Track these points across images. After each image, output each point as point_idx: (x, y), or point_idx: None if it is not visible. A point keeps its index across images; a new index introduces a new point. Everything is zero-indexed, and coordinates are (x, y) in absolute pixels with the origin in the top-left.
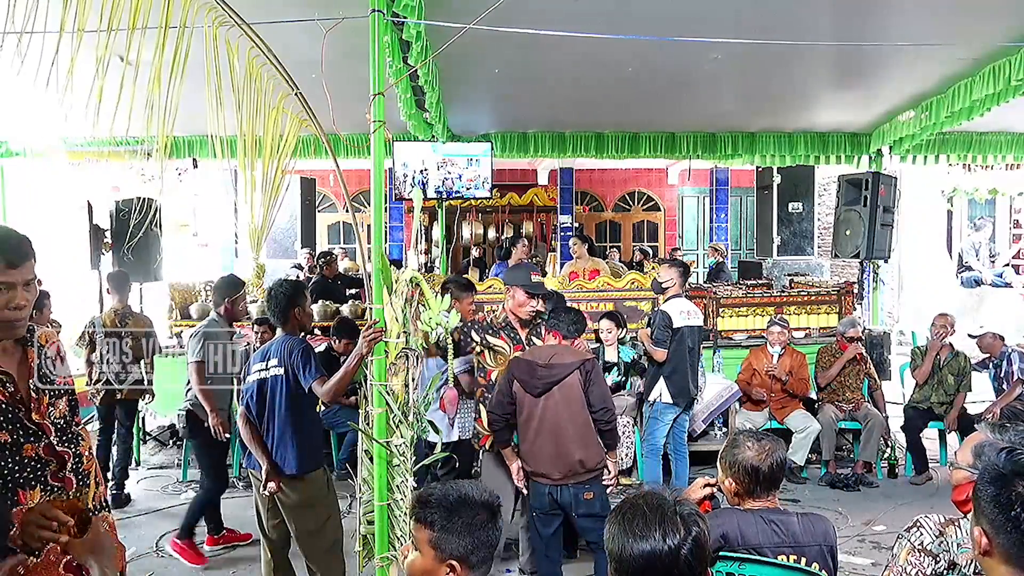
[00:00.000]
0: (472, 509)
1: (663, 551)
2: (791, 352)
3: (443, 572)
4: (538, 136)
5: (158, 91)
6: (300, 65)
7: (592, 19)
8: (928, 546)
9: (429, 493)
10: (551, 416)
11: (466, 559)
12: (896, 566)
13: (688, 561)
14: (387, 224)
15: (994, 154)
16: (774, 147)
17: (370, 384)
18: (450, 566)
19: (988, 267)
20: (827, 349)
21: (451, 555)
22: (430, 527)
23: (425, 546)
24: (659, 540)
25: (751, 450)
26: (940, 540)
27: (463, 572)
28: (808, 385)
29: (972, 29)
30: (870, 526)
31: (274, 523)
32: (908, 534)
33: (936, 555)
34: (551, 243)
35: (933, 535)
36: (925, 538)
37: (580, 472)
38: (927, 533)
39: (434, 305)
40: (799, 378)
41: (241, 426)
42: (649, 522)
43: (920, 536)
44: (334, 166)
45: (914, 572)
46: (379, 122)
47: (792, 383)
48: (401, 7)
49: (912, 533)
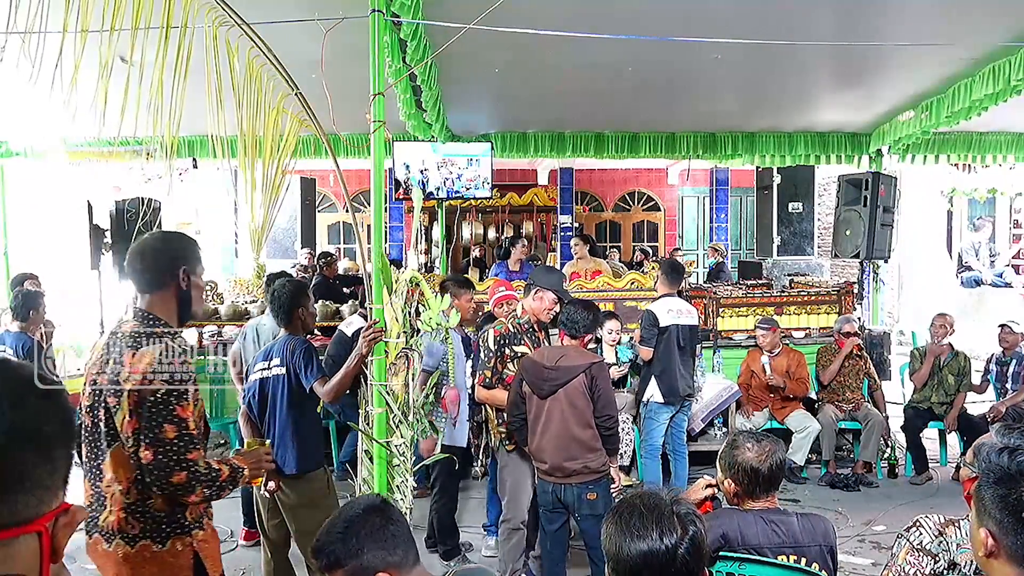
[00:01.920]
0: (361, 521)
1: (660, 551)
2: (787, 352)
3: None
4: (538, 136)
5: (160, 92)
6: (300, 65)
7: (592, 19)
8: (928, 546)
9: (317, 541)
10: (556, 418)
11: (390, 564)
12: (895, 566)
13: (685, 560)
14: (387, 224)
15: (994, 154)
16: (774, 147)
17: (370, 384)
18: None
19: (988, 267)
20: (827, 349)
21: (375, 570)
22: (337, 567)
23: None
24: (656, 540)
25: (751, 451)
26: (940, 540)
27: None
28: (808, 385)
29: (972, 29)
30: (870, 526)
31: (274, 523)
32: (908, 534)
33: (936, 555)
34: (551, 243)
35: (933, 535)
36: (924, 538)
37: (584, 472)
38: (927, 533)
39: (434, 305)
40: (797, 378)
41: (242, 425)
42: (646, 522)
43: (920, 536)
44: (334, 166)
45: (913, 572)
46: (379, 122)
47: (791, 386)
48: (401, 7)
49: (911, 533)
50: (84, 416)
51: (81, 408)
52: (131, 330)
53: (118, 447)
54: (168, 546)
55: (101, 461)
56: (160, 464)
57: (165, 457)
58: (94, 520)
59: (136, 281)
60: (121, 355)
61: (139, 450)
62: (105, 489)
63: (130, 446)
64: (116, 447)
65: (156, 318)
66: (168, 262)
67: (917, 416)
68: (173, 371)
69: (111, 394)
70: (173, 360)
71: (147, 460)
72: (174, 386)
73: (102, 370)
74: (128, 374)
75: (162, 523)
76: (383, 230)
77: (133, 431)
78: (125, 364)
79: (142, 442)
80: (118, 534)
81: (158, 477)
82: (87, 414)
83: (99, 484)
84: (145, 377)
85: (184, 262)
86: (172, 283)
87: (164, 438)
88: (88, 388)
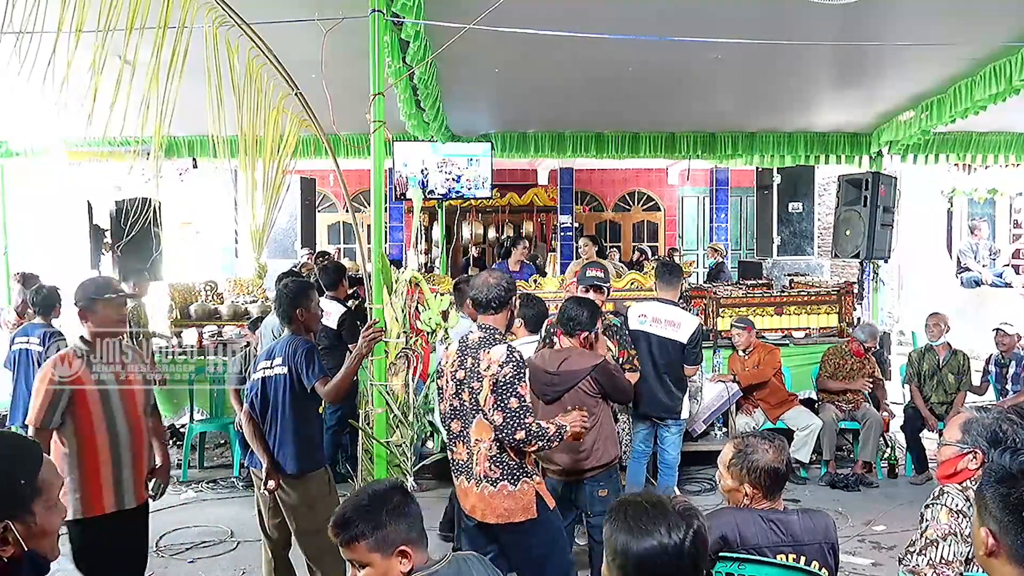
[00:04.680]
0: (385, 497)
1: (669, 546)
2: (760, 349)
3: (396, 565)
4: (538, 136)
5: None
6: (300, 65)
7: (592, 19)
8: (962, 507)
9: (342, 512)
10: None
11: (410, 540)
12: (940, 526)
13: (691, 554)
14: (387, 224)
15: (994, 154)
16: (774, 147)
17: (370, 384)
18: (401, 552)
19: (989, 267)
20: (836, 350)
21: (395, 545)
22: (363, 538)
23: (368, 555)
24: (664, 535)
25: (768, 453)
26: (968, 504)
27: (415, 552)
28: (767, 374)
29: (972, 29)
30: (870, 526)
31: (275, 523)
32: (941, 498)
33: (969, 516)
34: (551, 243)
35: (962, 499)
36: (958, 501)
37: (595, 468)
38: (957, 497)
39: (434, 305)
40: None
41: (244, 423)
42: (652, 518)
43: (954, 500)
44: (334, 166)
45: (956, 530)
46: (379, 122)
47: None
48: (401, 7)
49: (945, 497)
50: (453, 399)
51: (442, 390)
52: (479, 337)
53: (480, 417)
54: (519, 486)
55: (470, 427)
56: (507, 425)
57: (512, 420)
58: (468, 469)
59: (483, 307)
60: (478, 353)
61: (493, 415)
62: (473, 446)
63: (489, 415)
64: (479, 417)
65: (496, 329)
66: (509, 297)
67: (917, 416)
68: (517, 361)
69: (475, 379)
70: (512, 356)
71: (498, 423)
72: (518, 371)
73: (462, 365)
74: (487, 364)
75: (515, 470)
76: (383, 230)
77: (491, 405)
78: (482, 359)
79: (495, 410)
80: (484, 479)
81: (506, 435)
82: (455, 396)
83: (469, 444)
84: (499, 366)
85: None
86: (504, 309)
87: (509, 407)
88: (451, 379)
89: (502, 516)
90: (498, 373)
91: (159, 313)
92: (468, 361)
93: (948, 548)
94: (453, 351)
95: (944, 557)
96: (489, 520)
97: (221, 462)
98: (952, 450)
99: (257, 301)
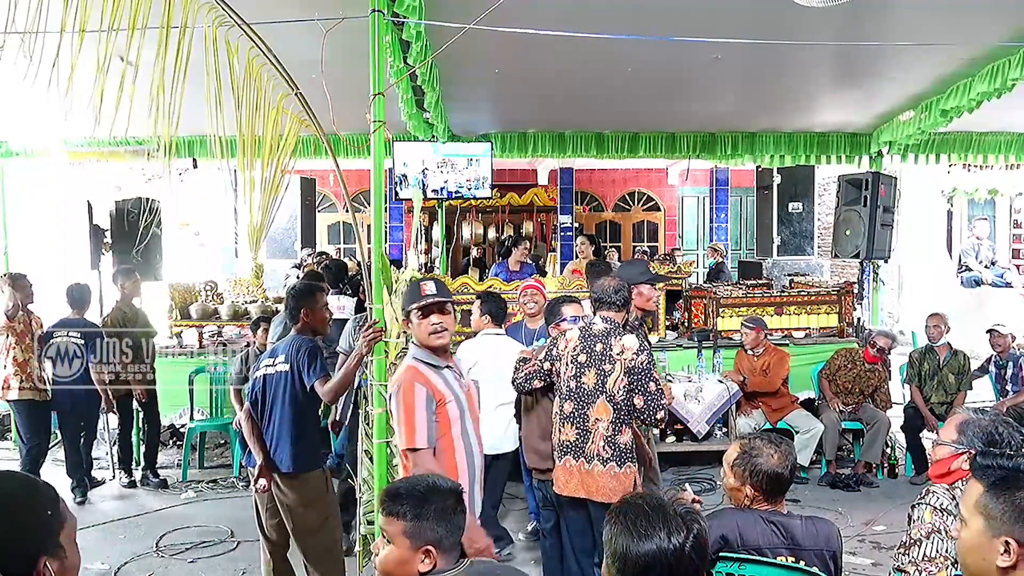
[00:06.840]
0: (442, 496)
1: (669, 550)
2: (770, 351)
3: (418, 560)
4: (538, 136)
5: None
6: (300, 65)
7: (592, 19)
8: (947, 506)
9: (397, 486)
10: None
11: (440, 543)
12: (923, 525)
13: (691, 558)
14: (387, 224)
15: (994, 154)
16: (774, 147)
17: (370, 384)
18: (426, 551)
19: (989, 267)
20: (845, 353)
21: (426, 542)
22: (402, 518)
23: (399, 537)
24: (664, 539)
25: (773, 457)
26: (955, 502)
27: (438, 556)
28: (776, 384)
29: (972, 29)
30: (870, 526)
31: (273, 523)
32: (927, 498)
33: (955, 514)
34: (551, 243)
35: (948, 497)
36: (942, 499)
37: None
38: (942, 496)
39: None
40: (773, 375)
41: (244, 421)
42: (653, 522)
43: (938, 499)
44: (334, 166)
45: (941, 527)
46: (379, 122)
47: (754, 381)
48: (401, 7)
49: (928, 497)
50: (571, 380)
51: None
52: (603, 328)
53: (603, 399)
54: (623, 468)
55: (589, 409)
56: (649, 406)
57: (652, 401)
58: (580, 448)
59: (607, 305)
60: (608, 340)
61: (633, 399)
62: (592, 425)
63: (620, 397)
64: (602, 399)
65: (617, 323)
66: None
67: (917, 416)
68: (649, 350)
69: (606, 362)
70: (644, 345)
71: (639, 406)
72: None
73: (584, 350)
74: (620, 350)
75: (624, 453)
76: (383, 230)
77: (623, 387)
78: (614, 345)
79: (635, 393)
80: (596, 457)
81: (648, 415)
82: (572, 378)
83: (587, 424)
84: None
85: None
86: (624, 308)
87: (649, 391)
88: (571, 363)
89: (605, 496)
90: (634, 360)
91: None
92: (598, 347)
93: (931, 546)
94: (574, 337)
95: (927, 555)
96: (596, 499)
97: (221, 462)
98: (947, 450)
99: (257, 301)
